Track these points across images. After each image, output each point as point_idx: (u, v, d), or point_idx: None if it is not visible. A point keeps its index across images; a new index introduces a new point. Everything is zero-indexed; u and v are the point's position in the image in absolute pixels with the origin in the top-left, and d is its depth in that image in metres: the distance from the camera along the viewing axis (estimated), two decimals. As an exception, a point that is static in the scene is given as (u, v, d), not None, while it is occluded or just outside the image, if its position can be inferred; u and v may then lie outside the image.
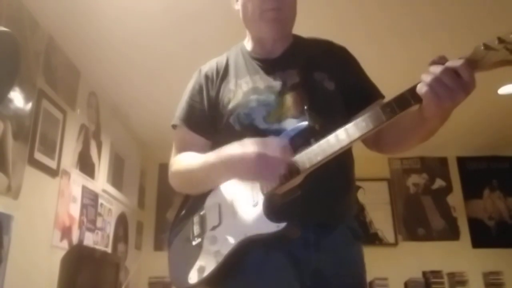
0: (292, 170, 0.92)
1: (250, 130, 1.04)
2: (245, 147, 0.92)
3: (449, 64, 0.80)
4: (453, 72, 0.78)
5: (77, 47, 2.62)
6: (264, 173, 0.91)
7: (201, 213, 1.07)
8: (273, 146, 0.91)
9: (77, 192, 2.75)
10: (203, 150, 1.09)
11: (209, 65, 1.23)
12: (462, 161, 4.70)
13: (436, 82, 0.79)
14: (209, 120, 1.15)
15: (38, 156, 2.26)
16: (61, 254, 2.36)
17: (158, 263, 3.74)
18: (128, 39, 2.56)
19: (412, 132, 0.97)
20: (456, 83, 0.78)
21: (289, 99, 1.07)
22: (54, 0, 2.20)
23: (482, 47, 0.77)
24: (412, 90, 0.84)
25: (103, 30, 2.46)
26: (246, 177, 0.95)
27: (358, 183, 4.41)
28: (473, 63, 0.78)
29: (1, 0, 1.99)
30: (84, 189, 2.85)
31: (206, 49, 1.28)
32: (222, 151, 0.97)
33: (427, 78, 0.81)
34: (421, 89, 0.81)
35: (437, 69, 0.80)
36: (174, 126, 1.21)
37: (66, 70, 2.68)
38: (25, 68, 2.17)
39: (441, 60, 0.81)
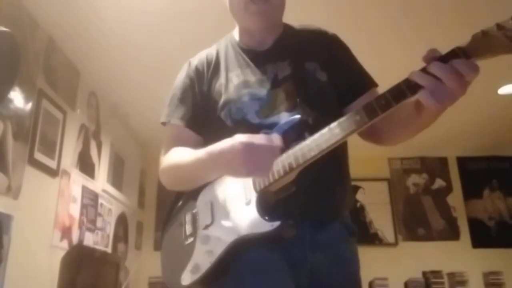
0: (286, 165, 0.89)
1: (242, 125, 1.01)
2: (234, 140, 0.89)
3: (454, 64, 0.74)
4: (456, 73, 0.73)
5: (77, 47, 2.61)
6: (252, 164, 0.85)
7: (193, 211, 1.04)
8: (260, 136, 0.88)
9: (77, 192, 2.74)
10: (194, 146, 1.05)
11: (199, 58, 1.18)
12: (462, 161, 4.70)
13: (437, 85, 0.74)
14: (200, 115, 1.11)
15: (38, 156, 2.26)
16: (61, 254, 2.36)
17: (158, 263, 3.65)
18: (128, 38, 2.56)
19: (406, 125, 0.95)
20: (457, 84, 0.74)
21: (281, 92, 1.04)
22: (54, 0, 2.20)
23: (481, 35, 0.73)
24: (408, 81, 0.79)
25: (103, 30, 2.46)
26: (235, 170, 0.89)
27: (358, 183, 4.43)
28: (471, 52, 0.75)
29: (1, 0, 1.99)
30: (84, 189, 2.85)
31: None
32: (213, 146, 0.94)
33: (426, 80, 0.76)
34: (421, 94, 0.76)
35: (439, 71, 0.75)
36: (163, 123, 1.16)
37: (66, 70, 2.68)
38: (25, 68, 2.17)
39: (433, 54, 0.77)
